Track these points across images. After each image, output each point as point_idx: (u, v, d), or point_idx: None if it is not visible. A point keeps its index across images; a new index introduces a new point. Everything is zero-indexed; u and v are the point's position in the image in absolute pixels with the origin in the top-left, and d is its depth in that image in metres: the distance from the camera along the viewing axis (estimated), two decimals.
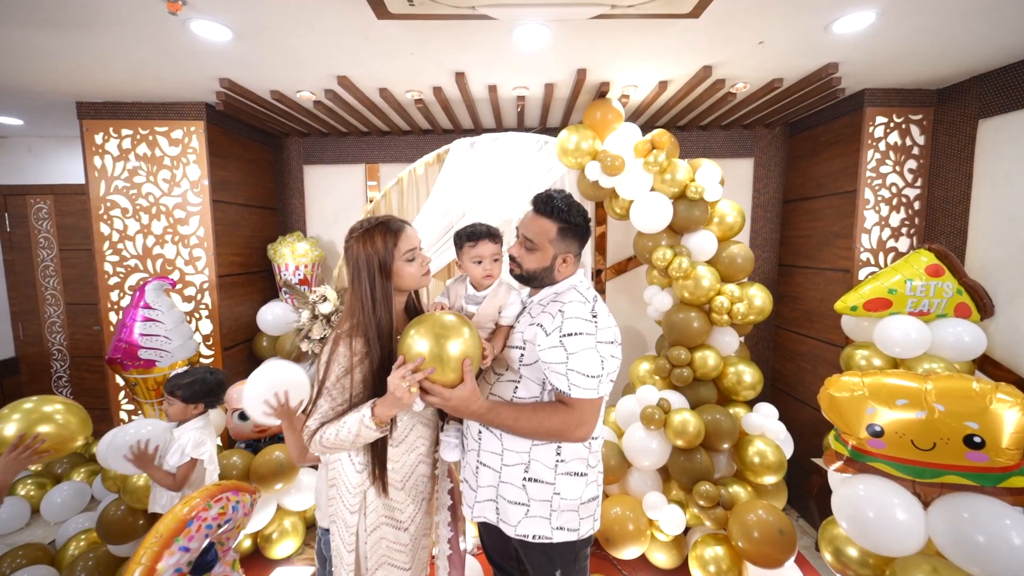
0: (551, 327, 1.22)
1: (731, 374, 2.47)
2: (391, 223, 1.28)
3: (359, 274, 1.24)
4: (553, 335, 1.21)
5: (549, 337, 1.22)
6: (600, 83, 2.41)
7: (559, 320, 1.21)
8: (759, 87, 2.44)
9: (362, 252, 1.23)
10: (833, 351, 2.77)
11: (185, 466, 1.89)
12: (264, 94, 2.52)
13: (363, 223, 1.28)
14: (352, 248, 1.25)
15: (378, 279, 1.23)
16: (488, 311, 1.36)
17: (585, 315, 1.21)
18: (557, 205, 1.29)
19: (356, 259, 1.24)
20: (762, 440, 2.29)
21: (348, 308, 1.27)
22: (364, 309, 1.23)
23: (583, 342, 1.18)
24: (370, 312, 1.23)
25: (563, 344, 1.19)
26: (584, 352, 1.18)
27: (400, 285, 1.30)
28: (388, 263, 1.24)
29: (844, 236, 2.69)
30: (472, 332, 1.19)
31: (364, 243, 1.23)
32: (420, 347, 1.14)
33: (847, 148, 2.67)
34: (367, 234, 1.24)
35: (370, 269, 1.23)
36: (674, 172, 2.38)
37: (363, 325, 1.23)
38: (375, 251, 1.23)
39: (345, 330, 1.26)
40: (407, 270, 1.28)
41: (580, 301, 1.25)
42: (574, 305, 1.23)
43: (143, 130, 2.69)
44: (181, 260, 2.77)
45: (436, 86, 2.42)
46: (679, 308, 2.48)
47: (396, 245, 1.25)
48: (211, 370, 2.01)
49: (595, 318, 1.22)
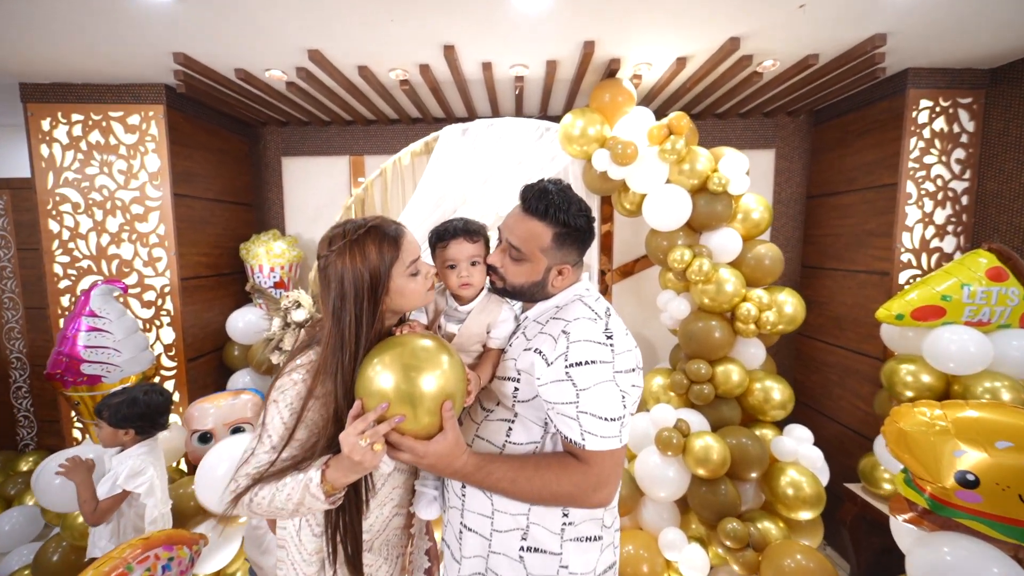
0: (553, 354, 0.93)
1: (757, 391, 2.18)
2: (386, 228, 0.97)
3: (343, 298, 0.93)
4: (556, 365, 0.92)
5: (551, 368, 0.93)
6: (610, 60, 2.11)
7: (563, 345, 0.92)
8: (790, 65, 2.15)
9: (349, 269, 0.92)
10: (867, 363, 2.48)
11: (113, 498, 1.60)
12: (228, 73, 2.22)
13: (346, 229, 0.95)
14: (334, 264, 0.93)
15: (367, 303, 0.93)
16: (473, 330, 1.07)
17: (597, 336, 0.92)
18: (553, 202, 0.99)
19: (340, 278, 0.93)
20: (796, 469, 2.00)
21: (323, 342, 0.95)
22: (344, 345, 0.92)
23: (597, 374, 0.89)
24: (351, 348, 0.92)
25: (570, 378, 0.90)
26: (599, 387, 0.89)
27: (398, 306, 1.01)
28: (385, 281, 0.95)
29: (882, 235, 2.39)
30: (453, 361, 0.90)
31: (352, 256, 0.92)
32: (384, 384, 0.85)
33: (885, 136, 2.37)
34: (356, 245, 0.93)
35: (358, 291, 0.93)
36: (693, 162, 2.09)
37: (337, 364, 0.92)
38: (368, 266, 0.93)
39: (307, 362, 0.96)
40: (410, 287, 0.99)
41: (589, 318, 0.95)
42: (582, 324, 0.94)
43: (95, 115, 2.40)
44: (139, 261, 2.48)
45: (422, 63, 2.13)
46: (698, 316, 2.19)
47: (397, 257, 0.96)
48: (150, 388, 1.71)
49: (610, 340, 0.93)
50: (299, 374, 0.95)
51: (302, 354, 0.98)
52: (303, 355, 0.98)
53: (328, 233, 0.99)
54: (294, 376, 0.95)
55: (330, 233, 0.98)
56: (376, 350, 0.90)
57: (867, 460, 2.28)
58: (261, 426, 0.94)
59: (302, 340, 1.04)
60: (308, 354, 0.98)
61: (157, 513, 1.71)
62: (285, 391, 0.94)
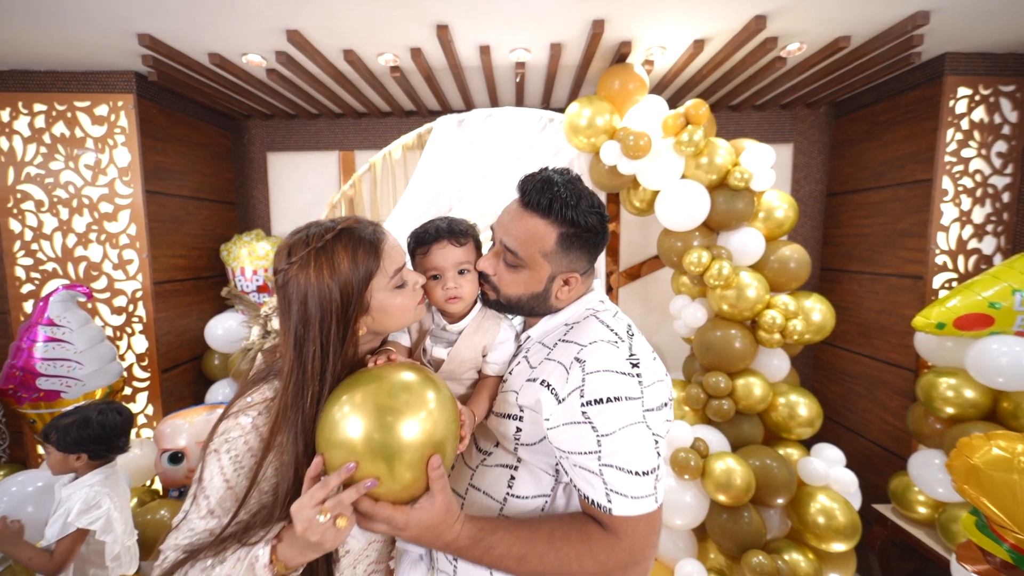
0: (565, 388, 0.74)
1: (781, 406, 1.98)
2: (361, 230, 0.78)
3: (306, 324, 0.73)
4: (570, 404, 0.73)
5: (563, 407, 0.73)
6: (620, 43, 1.92)
7: (577, 377, 0.73)
8: (818, 49, 1.96)
9: (314, 285, 0.73)
10: (897, 374, 2.29)
11: (69, 539, 1.40)
12: (201, 58, 2.03)
13: (310, 234, 0.76)
14: (295, 280, 0.74)
15: (336, 327, 0.74)
16: (466, 355, 0.88)
17: (619, 365, 0.73)
18: (558, 195, 0.80)
19: (302, 298, 0.73)
20: (826, 494, 1.80)
21: (283, 380, 0.75)
22: (306, 381, 0.73)
23: (622, 414, 0.70)
24: (313, 387, 0.73)
25: (588, 420, 0.71)
26: (626, 432, 0.70)
27: (382, 327, 0.82)
28: (360, 297, 0.76)
29: (914, 235, 2.20)
30: (442, 398, 0.70)
31: (318, 269, 0.73)
32: (352, 433, 0.65)
33: (919, 128, 2.18)
34: (323, 254, 0.74)
35: (325, 313, 0.73)
36: (712, 155, 1.89)
37: (297, 410, 0.72)
38: (338, 280, 0.73)
39: (262, 400, 0.77)
40: (395, 303, 0.80)
41: (608, 340, 0.76)
42: (600, 349, 0.75)
43: (60, 105, 2.21)
44: (109, 263, 2.29)
45: (414, 47, 1.93)
46: (716, 324, 2.00)
47: (377, 266, 0.77)
48: (106, 407, 1.51)
49: (636, 369, 0.74)
50: (249, 417, 0.75)
51: (255, 389, 0.78)
52: (256, 390, 0.78)
53: (287, 240, 0.77)
54: (242, 420, 0.74)
55: (289, 240, 0.77)
56: (343, 387, 0.70)
57: (899, 480, 2.09)
58: (197, 482, 0.73)
59: (256, 369, 0.84)
60: (263, 389, 0.78)
61: (120, 548, 1.52)
62: (230, 439, 0.73)
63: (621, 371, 0.72)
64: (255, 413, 0.75)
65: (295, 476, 0.71)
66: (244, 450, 0.74)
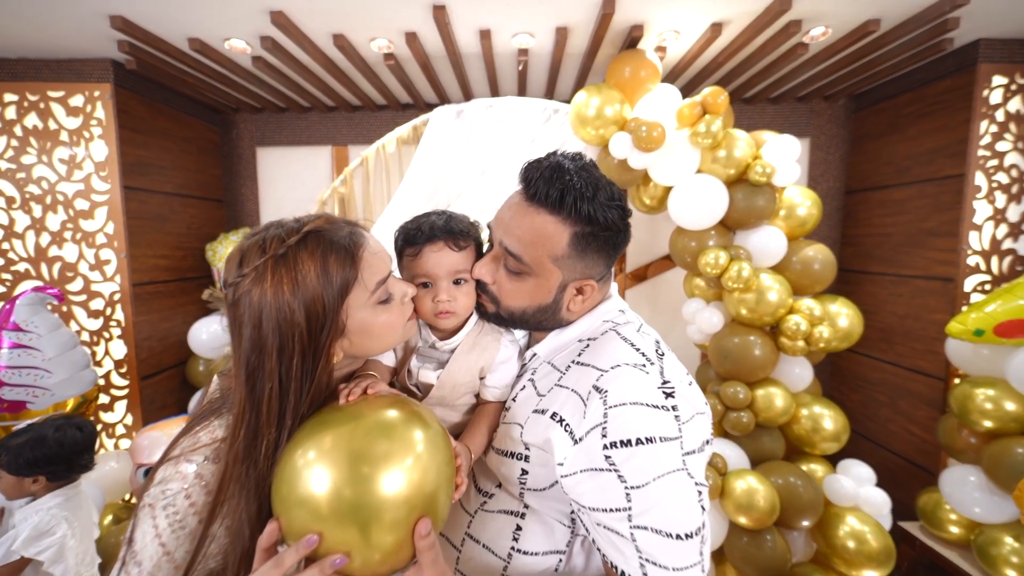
0: (582, 425, 0.60)
1: (804, 419, 1.84)
2: (333, 232, 0.62)
3: (260, 352, 0.58)
4: (589, 445, 0.59)
5: (581, 448, 0.59)
6: (631, 27, 1.78)
7: (597, 411, 0.59)
8: (845, 33, 1.82)
9: (271, 302, 0.57)
10: (924, 383, 2.14)
11: (9, 567, 1.26)
12: (181, 44, 1.89)
13: (267, 238, 0.60)
14: (249, 296, 0.58)
15: (300, 358, 0.58)
16: (460, 378, 0.73)
17: (650, 396, 0.59)
18: (572, 185, 0.65)
19: (256, 318, 0.57)
20: (856, 515, 1.66)
21: (233, 422, 0.59)
22: (261, 427, 0.57)
23: (657, 460, 0.56)
24: (269, 434, 0.57)
25: (614, 467, 0.57)
26: (663, 483, 0.56)
27: (363, 350, 0.67)
28: (337, 317, 0.60)
29: (944, 234, 2.06)
30: (432, 439, 0.56)
31: (278, 283, 0.57)
32: (316, 489, 0.51)
33: (949, 120, 2.04)
34: (283, 263, 0.58)
35: (285, 339, 0.57)
36: (731, 147, 1.76)
37: (248, 464, 0.57)
38: (302, 296, 0.58)
39: (211, 441, 0.61)
40: (379, 322, 0.65)
41: (634, 364, 0.62)
42: (625, 376, 0.60)
43: (32, 95, 2.07)
44: (85, 264, 2.15)
45: (409, 31, 1.80)
46: (733, 330, 1.86)
47: (354, 277, 0.61)
48: (65, 423, 1.37)
49: (670, 400, 0.59)
50: (193, 464, 0.59)
51: (205, 424, 0.63)
52: (206, 426, 0.63)
53: (240, 245, 0.62)
54: (184, 467, 0.59)
55: (243, 245, 0.61)
56: (307, 428, 0.56)
57: (928, 497, 1.95)
58: (127, 544, 0.59)
59: (209, 399, 0.68)
60: (214, 426, 0.63)
61: None
62: (168, 493, 0.58)
63: (653, 404, 0.58)
64: (201, 458, 0.60)
65: (250, 541, 0.56)
66: (185, 507, 0.58)
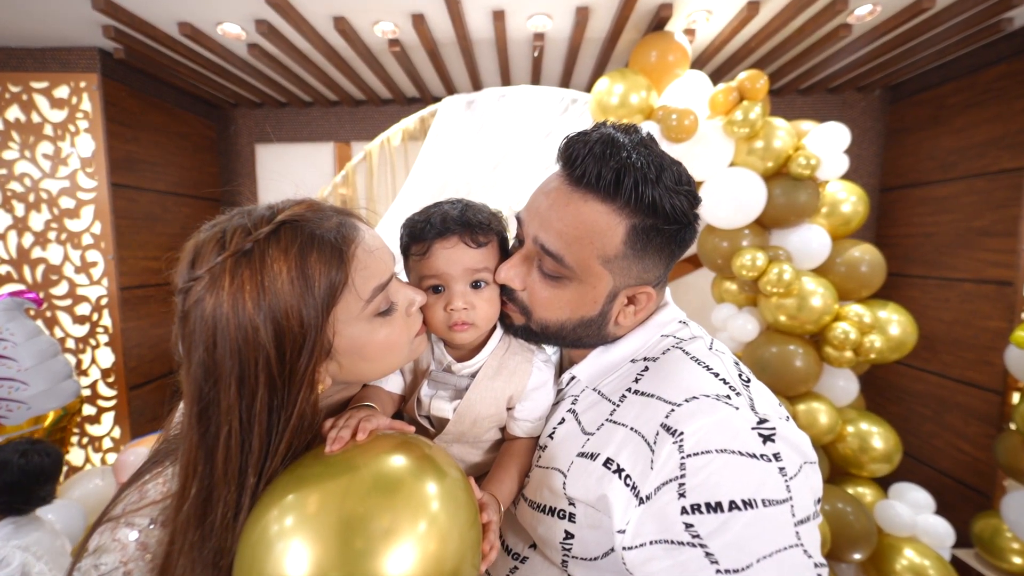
0: (650, 480, 0.45)
1: (850, 437, 1.67)
2: (317, 224, 0.47)
3: (216, 382, 0.43)
4: (661, 506, 0.44)
5: (649, 510, 0.44)
6: (659, 7, 1.63)
7: (672, 460, 0.44)
8: (894, 12, 1.65)
9: (228, 315, 0.42)
10: (976, 395, 1.97)
11: None
12: (170, 29, 1.76)
13: (230, 229, 0.45)
14: (202, 305, 0.43)
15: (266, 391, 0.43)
16: (483, 410, 0.57)
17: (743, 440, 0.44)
18: (630, 164, 0.50)
19: (209, 337, 0.43)
20: (914, 547, 1.49)
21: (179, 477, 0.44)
22: (216, 483, 0.43)
23: (762, 535, 0.41)
24: (228, 491, 0.43)
25: (700, 542, 0.41)
26: (771, 566, 0.40)
27: (355, 375, 0.52)
28: (322, 334, 0.46)
29: (998, 234, 1.89)
30: (450, 494, 0.41)
31: (238, 290, 0.43)
32: (293, 573, 0.35)
33: (1004, 109, 1.87)
34: (246, 264, 0.44)
35: (245, 364, 0.43)
36: (769, 137, 1.59)
37: (200, 532, 0.42)
38: (273, 309, 0.43)
39: (160, 496, 0.47)
40: (375, 340, 0.50)
41: (717, 395, 0.47)
42: (707, 412, 0.46)
43: (14, 86, 1.94)
44: (70, 266, 2.02)
45: (416, 12, 1.65)
46: (771, 338, 1.69)
47: (344, 281, 0.47)
48: (32, 448, 1.23)
49: (770, 446, 0.44)
50: (134, 530, 0.45)
51: (156, 472, 0.49)
52: (157, 475, 0.49)
53: (196, 239, 0.46)
54: (123, 534, 0.45)
55: (200, 239, 0.46)
56: (283, 485, 0.41)
57: (984, 522, 1.77)
58: None
59: (161, 441, 0.53)
60: (167, 475, 0.48)
61: None
62: (103, 566, 0.44)
63: (748, 452, 0.43)
64: (146, 522, 0.45)
65: None
66: None
